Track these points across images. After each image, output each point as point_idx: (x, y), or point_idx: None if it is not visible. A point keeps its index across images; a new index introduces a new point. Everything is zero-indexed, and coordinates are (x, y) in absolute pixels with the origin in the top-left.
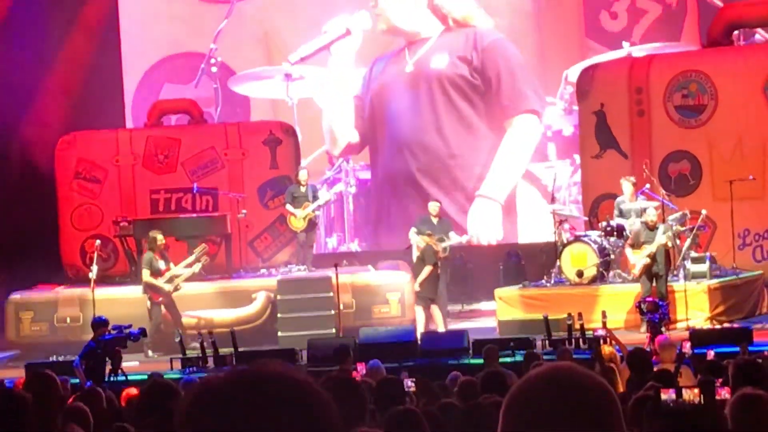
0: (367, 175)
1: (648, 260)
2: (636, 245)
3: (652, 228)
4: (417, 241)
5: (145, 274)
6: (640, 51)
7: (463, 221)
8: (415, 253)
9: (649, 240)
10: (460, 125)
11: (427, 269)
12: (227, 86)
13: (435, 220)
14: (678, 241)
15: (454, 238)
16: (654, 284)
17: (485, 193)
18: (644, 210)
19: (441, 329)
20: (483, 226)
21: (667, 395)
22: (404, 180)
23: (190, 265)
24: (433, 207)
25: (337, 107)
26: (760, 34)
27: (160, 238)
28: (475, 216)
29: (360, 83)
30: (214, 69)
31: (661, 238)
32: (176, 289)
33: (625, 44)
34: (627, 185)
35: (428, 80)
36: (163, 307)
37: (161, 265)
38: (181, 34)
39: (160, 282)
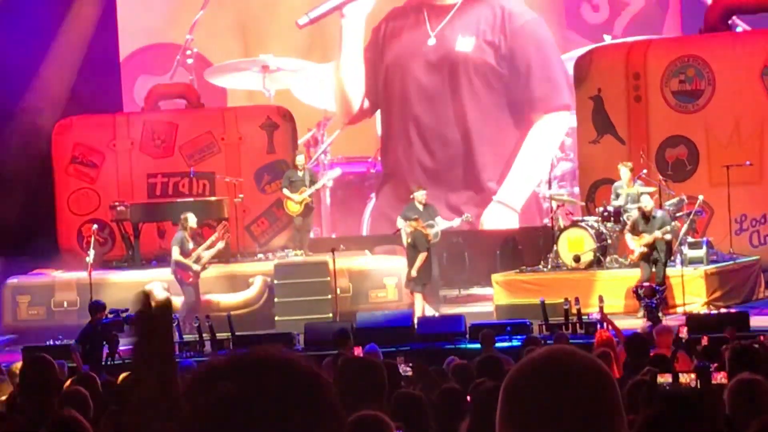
0: (345, 168)
1: (645, 249)
2: (635, 232)
3: (647, 215)
4: (404, 226)
5: (175, 252)
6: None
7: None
8: (405, 239)
9: (646, 229)
10: (483, 118)
11: (422, 256)
12: (203, 78)
13: (420, 207)
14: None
15: (442, 224)
16: (653, 269)
17: (503, 200)
18: (641, 195)
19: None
20: (500, 216)
21: (664, 379)
22: (417, 169)
23: (213, 244)
24: (420, 195)
25: (350, 72)
26: (740, 26)
27: (192, 218)
28: (490, 222)
29: (369, 37)
30: (189, 60)
31: (657, 233)
32: (203, 268)
33: (607, 37)
34: (624, 170)
35: (453, 63)
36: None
37: (191, 246)
38: (156, 24)
39: (189, 261)
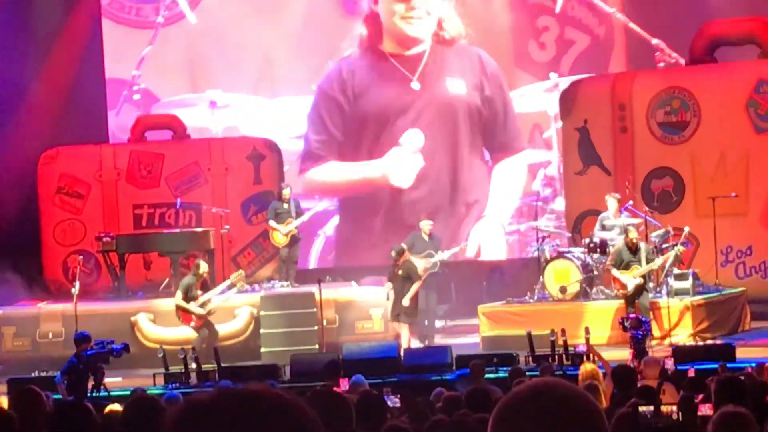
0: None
1: (641, 280)
2: (618, 265)
3: (633, 247)
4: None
5: (177, 296)
6: (567, 82)
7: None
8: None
9: (633, 260)
10: (471, 157)
11: (416, 285)
12: (150, 114)
13: (426, 238)
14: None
15: (443, 254)
16: (637, 301)
17: (492, 214)
18: (628, 227)
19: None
20: (488, 244)
21: (645, 410)
22: (410, 204)
23: (224, 291)
24: (426, 225)
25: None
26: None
27: (203, 267)
28: (481, 233)
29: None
30: (136, 96)
31: (654, 264)
32: (209, 313)
33: (553, 75)
34: (612, 201)
35: (449, 106)
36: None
37: (198, 292)
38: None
39: (191, 306)
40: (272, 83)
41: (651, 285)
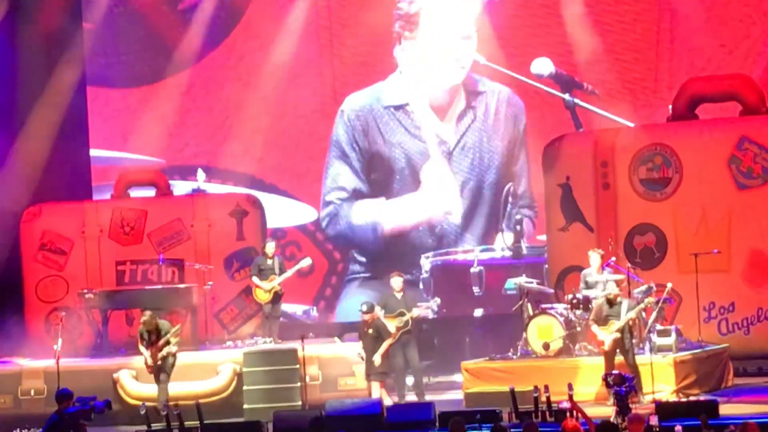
0: None
1: (618, 335)
2: (599, 321)
3: (613, 303)
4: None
5: (141, 346)
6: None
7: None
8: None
9: (613, 314)
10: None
11: (387, 342)
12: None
13: (399, 295)
14: (644, 314)
15: (416, 311)
16: (623, 358)
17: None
18: (607, 282)
19: (395, 401)
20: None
21: None
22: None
23: (164, 345)
24: (396, 282)
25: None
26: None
27: (144, 318)
28: None
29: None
30: None
31: (631, 313)
32: (155, 363)
33: None
34: (595, 257)
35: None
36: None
37: (152, 339)
38: None
39: (145, 353)
40: None
41: (634, 341)
